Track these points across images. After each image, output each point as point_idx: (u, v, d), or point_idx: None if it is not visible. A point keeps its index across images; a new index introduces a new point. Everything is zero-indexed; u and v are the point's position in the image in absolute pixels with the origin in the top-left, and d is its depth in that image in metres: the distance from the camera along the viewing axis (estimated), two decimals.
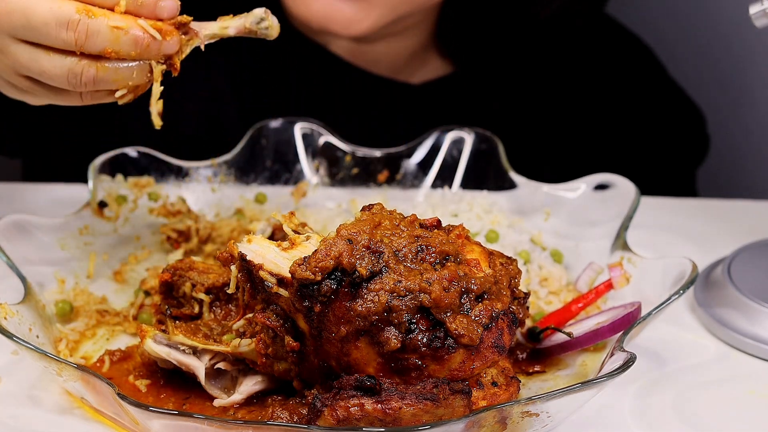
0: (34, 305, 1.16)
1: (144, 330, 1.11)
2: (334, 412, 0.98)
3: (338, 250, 1.00)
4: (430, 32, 1.66)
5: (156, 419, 0.98)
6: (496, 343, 1.03)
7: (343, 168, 1.49)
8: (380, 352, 1.00)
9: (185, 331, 1.11)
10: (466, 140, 1.49)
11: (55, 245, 1.29)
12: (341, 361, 1.02)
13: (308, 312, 1.01)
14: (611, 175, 1.37)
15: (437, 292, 0.99)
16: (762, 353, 1.22)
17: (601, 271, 1.28)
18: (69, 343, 1.19)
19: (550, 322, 1.20)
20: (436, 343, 1.00)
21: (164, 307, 1.17)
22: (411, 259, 1.02)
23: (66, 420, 1.08)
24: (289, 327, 1.04)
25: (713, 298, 1.29)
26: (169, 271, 1.17)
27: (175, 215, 1.39)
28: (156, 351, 1.10)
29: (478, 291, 1.02)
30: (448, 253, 1.03)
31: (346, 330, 1.00)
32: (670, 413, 1.12)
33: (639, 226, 1.36)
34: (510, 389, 1.05)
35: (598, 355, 1.18)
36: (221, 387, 1.10)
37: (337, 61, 1.64)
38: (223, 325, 1.13)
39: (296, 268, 1.00)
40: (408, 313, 0.99)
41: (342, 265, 0.99)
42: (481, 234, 1.34)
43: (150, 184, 1.40)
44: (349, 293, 1.00)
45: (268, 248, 1.04)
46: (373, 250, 1.01)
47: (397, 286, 0.99)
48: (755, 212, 1.54)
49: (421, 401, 0.99)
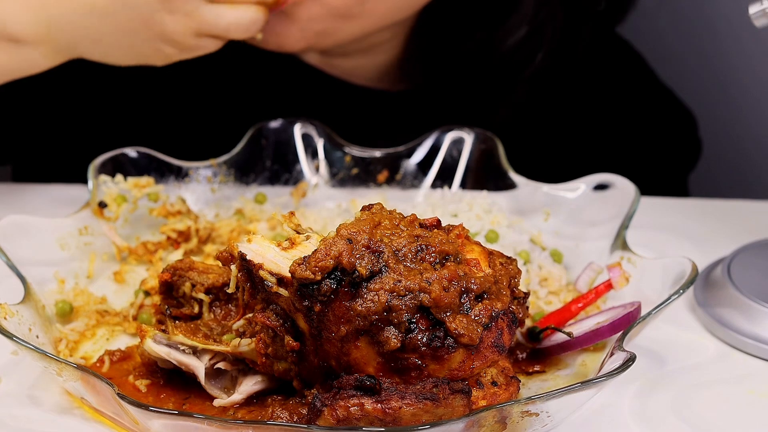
0: (34, 305, 1.16)
1: (144, 330, 1.11)
2: (334, 412, 0.98)
3: (338, 249, 1.00)
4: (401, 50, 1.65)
5: (156, 419, 0.98)
6: (496, 342, 1.03)
7: (342, 168, 1.49)
8: (380, 352, 1.00)
9: (185, 331, 1.11)
10: (465, 140, 1.49)
11: (55, 245, 1.29)
12: (341, 360, 1.02)
13: (308, 311, 1.01)
14: (611, 175, 1.37)
15: (437, 291, 0.99)
16: (762, 353, 1.22)
17: (600, 271, 1.28)
18: (69, 343, 1.19)
19: (550, 322, 1.20)
20: (435, 342, 1.00)
21: (164, 307, 1.17)
22: (411, 258, 1.02)
23: (66, 420, 1.08)
24: (289, 327, 1.04)
25: (713, 298, 1.29)
26: (169, 271, 1.17)
27: (175, 215, 1.39)
28: (156, 351, 1.10)
29: (478, 291, 1.02)
30: (448, 252, 1.03)
31: (346, 329, 1.00)
32: (670, 413, 1.12)
33: (639, 226, 1.36)
34: (510, 389, 1.05)
35: (598, 355, 1.18)
36: (221, 387, 1.10)
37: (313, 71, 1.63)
38: (223, 325, 1.13)
39: (296, 267, 1.00)
40: (408, 312, 0.99)
41: (342, 264, 0.99)
42: (481, 234, 1.34)
43: (150, 184, 1.39)
44: (348, 293, 1.00)
45: (268, 248, 1.04)
46: (373, 250, 1.01)
47: (396, 285, 0.99)
48: (755, 212, 1.54)
49: (420, 401, 0.99)
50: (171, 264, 1.18)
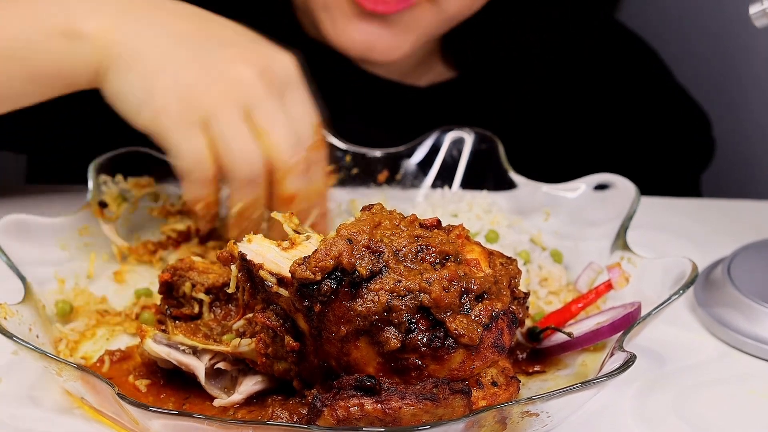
0: (34, 305, 1.16)
1: (144, 330, 1.11)
2: (334, 412, 0.98)
3: (338, 249, 1.00)
4: (437, 39, 1.66)
5: (156, 419, 0.98)
6: (496, 342, 1.03)
7: (343, 168, 1.49)
8: (380, 352, 1.00)
9: (185, 331, 1.11)
10: (466, 140, 1.49)
11: (55, 245, 1.29)
12: (341, 361, 1.02)
13: (308, 312, 1.01)
14: (611, 175, 1.37)
15: (437, 292, 0.99)
16: (762, 353, 1.22)
17: (600, 271, 1.28)
18: (69, 343, 1.19)
19: (550, 322, 1.20)
20: (436, 342, 1.00)
21: (164, 307, 1.17)
22: (411, 258, 1.02)
23: (66, 420, 1.08)
24: (289, 327, 1.04)
25: (713, 298, 1.29)
26: (169, 271, 1.17)
27: (175, 215, 1.39)
28: (156, 351, 1.10)
29: (478, 291, 1.02)
30: (448, 253, 1.03)
31: (346, 330, 1.00)
32: (670, 413, 1.12)
33: (639, 226, 1.36)
34: (510, 389, 1.05)
35: (598, 355, 1.18)
36: (221, 387, 1.10)
37: (347, 64, 1.63)
38: (223, 325, 1.13)
39: (296, 267, 1.00)
40: (408, 312, 0.99)
41: (342, 264, 0.99)
42: (481, 234, 1.34)
43: (150, 184, 1.40)
44: (349, 293, 1.00)
45: (269, 248, 1.04)
46: (373, 250, 1.01)
47: (397, 285, 0.99)
48: (755, 212, 1.54)
49: (421, 401, 0.99)
50: (171, 264, 1.18)
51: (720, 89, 2.12)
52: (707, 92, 1.98)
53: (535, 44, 1.68)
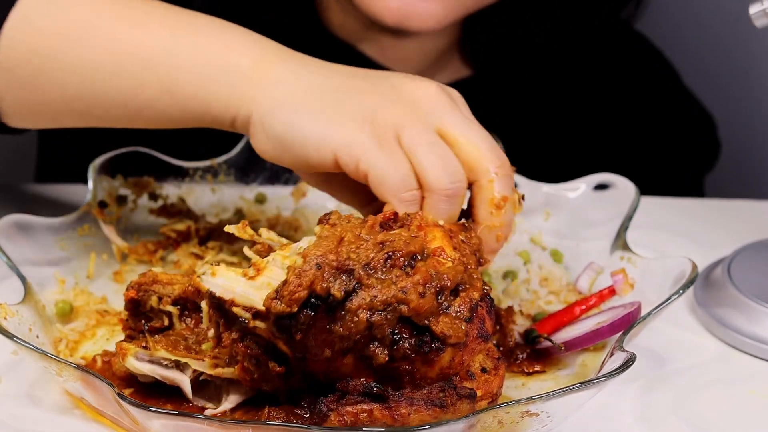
0: (34, 305, 1.16)
1: (125, 349, 1.09)
2: (342, 417, 0.98)
3: (309, 278, 0.97)
4: (456, 34, 1.66)
5: (156, 419, 0.98)
6: (480, 333, 1.02)
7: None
8: (369, 365, 0.99)
9: (166, 345, 1.09)
10: None
11: (55, 245, 1.29)
12: (330, 378, 1.01)
13: (289, 340, 0.99)
14: (611, 175, 1.37)
15: (415, 300, 0.98)
16: (762, 353, 1.22)
17: (601, 271, 1.28)
18: (69, 343, 1.19)
19: (553, 323, 1.20)
20: (424, 347, 0.99)
21: (140, 323, 1.14)
22: (381, 269, 0.99)
23: (66, 420, 1.08)
24: (271, 351, 1.02)
25: (713, 298, 1.29)
26: (134, 288, 1.14)
27: (175, 215, 1.39)
28: (139, 368, 1.08)
29: (452, 285, 1.00)
30: (415, 252, 1.01)
31: (331, 351, 0.99)
32: (670, 413, 1.12)
33: (639, 226, 1.36)
34: (500, 372, 1.05)
35: (598, 355, 1.18)
36: (207, 398, 1.08)
37: (364, 60, 1.63)
38: (197, 333, 1.11)
39: (270, 303, 0.97)
40: (389, 326, 0.98)
41: (316, 291, 0.97)
42: None
43: (150, 184, 1.40)
44: (327, 317, 0.98)
45: (236, 280, 1.01)
46: (343, 270, 0.98)
47: (373, 301, 0.98)
48: (755, 212, 1.54)
49: (429, 407, 0.98)
50: (134, 280, 1.15)
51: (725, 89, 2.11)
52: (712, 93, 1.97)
53: (550, 42, 1.68)
